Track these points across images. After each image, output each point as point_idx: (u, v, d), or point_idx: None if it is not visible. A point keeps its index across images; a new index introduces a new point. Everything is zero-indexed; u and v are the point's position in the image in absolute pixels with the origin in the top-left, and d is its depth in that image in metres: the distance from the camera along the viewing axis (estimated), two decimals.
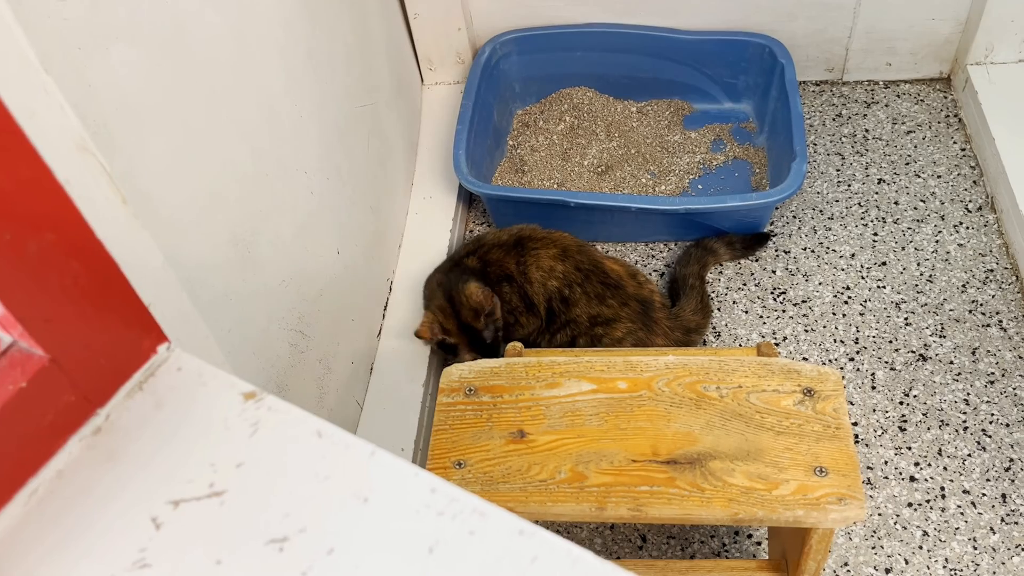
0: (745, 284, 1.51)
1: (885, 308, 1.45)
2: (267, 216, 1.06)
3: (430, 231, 1.58)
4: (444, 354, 1.40)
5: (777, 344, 1.43)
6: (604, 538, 1.26)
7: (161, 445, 0.51)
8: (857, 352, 1.41)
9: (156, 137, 0.84)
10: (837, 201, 1.61)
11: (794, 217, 1.60)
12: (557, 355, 1.02)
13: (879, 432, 1.32)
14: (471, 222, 1.69)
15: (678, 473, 0.87)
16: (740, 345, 1.44)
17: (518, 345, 1.16)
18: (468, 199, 1.70)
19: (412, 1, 1.68)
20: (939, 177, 1.62)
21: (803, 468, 0.85)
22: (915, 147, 1.67)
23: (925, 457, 1.28)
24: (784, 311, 1.47)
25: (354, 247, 1.33)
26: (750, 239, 1.53)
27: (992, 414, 1.31)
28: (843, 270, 1.51)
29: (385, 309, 1.47)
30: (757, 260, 1.54)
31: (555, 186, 1.68)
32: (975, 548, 1.19)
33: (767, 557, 1.20)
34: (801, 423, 0.89)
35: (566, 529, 1.27)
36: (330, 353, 1.25)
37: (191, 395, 0.53)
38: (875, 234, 1.55)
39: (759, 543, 1.24)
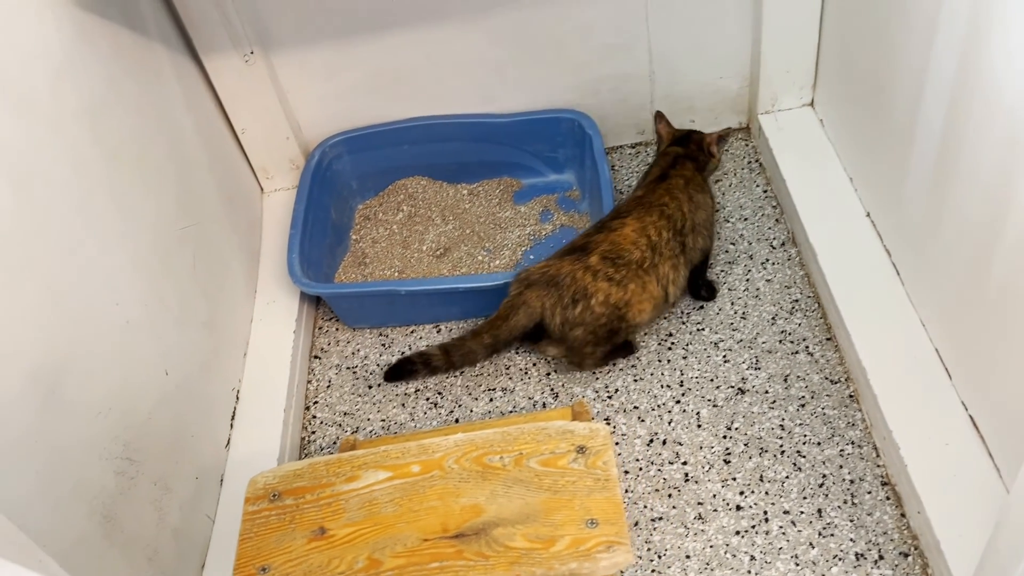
0: None
1: (705, 349, 1.56)
2: (73, 354, 1.10)
3: (275, 335, 1.63)
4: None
5: (610, 396, 1.52)
6: None
7: None
8: (683, 394, 1.50)
9: None
10: None
11: None
12: (359, 448, 1.08)
13: (707, 468, 1.40)
14: (319, 319, 1.75)
15: (465, 545, 0.93)
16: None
17: (352, 439, 1.22)
18: (315, 298, 1.76)
19: (237, 118, 1.76)
20: (746, 219, 1.75)
21: (576, 523, 0.92)
22: (723, 194, 1.81)
23: (748, 485, 1.37)
24: (615, 364, 1.56)
25: (187, 365, 1.38)
26: None
27: (805, 435, 1.41)
28: (665, 318, 1.61)
29: (233, 419, 1.51)
30: None
31: (396, 274, 1.76)
32: (797, 565, 1.27)
33: None
34: (575, 480, 0.96)
35: None
36: (168, 473, 1.28)
37: None
38: None
39: None
